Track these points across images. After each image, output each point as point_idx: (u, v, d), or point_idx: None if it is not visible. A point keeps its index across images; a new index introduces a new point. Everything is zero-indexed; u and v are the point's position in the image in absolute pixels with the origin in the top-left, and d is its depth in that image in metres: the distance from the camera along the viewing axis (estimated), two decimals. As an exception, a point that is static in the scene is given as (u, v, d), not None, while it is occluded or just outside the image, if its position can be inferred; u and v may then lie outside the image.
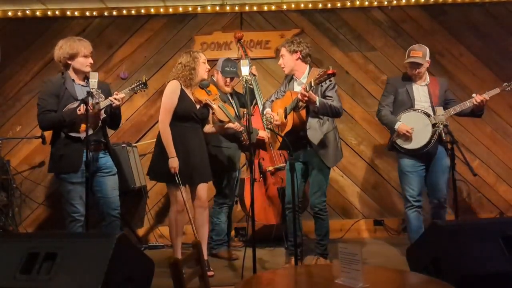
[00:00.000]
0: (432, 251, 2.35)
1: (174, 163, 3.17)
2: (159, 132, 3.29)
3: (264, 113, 3.53)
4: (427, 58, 3.63)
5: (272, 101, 3.65)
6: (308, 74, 3.44)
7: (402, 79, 3.76)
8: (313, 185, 3.44)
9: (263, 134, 3.79)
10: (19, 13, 4.81)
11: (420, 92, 3.66)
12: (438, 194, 3.62)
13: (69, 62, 3.19)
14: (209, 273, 3.17)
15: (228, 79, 3.87)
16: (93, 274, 2.02)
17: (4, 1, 4.65)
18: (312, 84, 3.09)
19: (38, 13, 4.82)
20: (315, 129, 3.35)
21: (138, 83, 3.31)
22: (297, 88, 3.45)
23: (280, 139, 3.38)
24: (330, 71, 2.95)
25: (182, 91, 3.30)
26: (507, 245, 2.16)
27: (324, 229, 3.47)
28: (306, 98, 3.12)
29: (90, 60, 3.24)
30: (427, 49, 3.65)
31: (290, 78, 3.59)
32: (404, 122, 3.59)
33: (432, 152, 3.58)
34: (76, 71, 3.22)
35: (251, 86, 4.07)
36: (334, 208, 4.73)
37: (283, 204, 3.83)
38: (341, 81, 4.79)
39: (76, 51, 3.16)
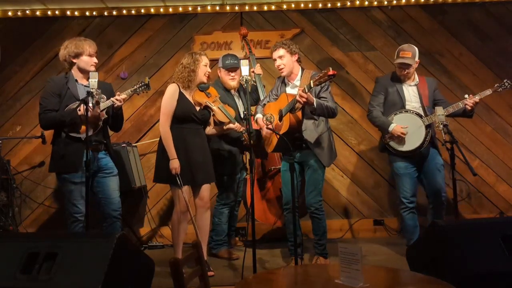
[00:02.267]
0: (432, 251, 2.35)
1: (175, 164, 3.20)
2: (160, 136, 3.31)
3: (256, 119, 3.52)
4: (417, 59, 3.62)
5: (264, 104, 3.64)
6: (301, 76, 3.44)
7: (391, 79, 3.73)
8: (309, 184, 3.43)
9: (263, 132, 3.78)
10: (19, 13, 4.81)
11: (410, 92, 3.66)
12: (439, 193, 3.61)
13: (74, 60, 3.21)
14: (209, 273, 3.17)
15: (232, 73, 3.85)
16: (93, 274, 2.02)
17: (4, 1, 4.64)
18: (312, 85, 3.08)
19: (38, 13, 4.82)
20: (311, 130, 3.35)
21: (140, 84, 3.31)
22: (290, 91, 3.44)
23: (275, 141, 3.38)
24: (330, 72, 2.90)
25: (180, 93, 3.32)
26: (507, 245, 2.16)
27: (322, 228, 3.47)
28: (304, 100, 3.10)
29: (95, 60, 3.26)
30: (416, 49, 3.64)
31: (281, 81, 3.58)
32: (397, 123, 3.57)
33: (425, 153, 3.58)
34: (81, 70, 3.24)
35: (255, 84, 4.07)
36: (334, 208, 4.73)
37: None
38: (341, 81, 4.79)
39: (81, 49, 3.19)
